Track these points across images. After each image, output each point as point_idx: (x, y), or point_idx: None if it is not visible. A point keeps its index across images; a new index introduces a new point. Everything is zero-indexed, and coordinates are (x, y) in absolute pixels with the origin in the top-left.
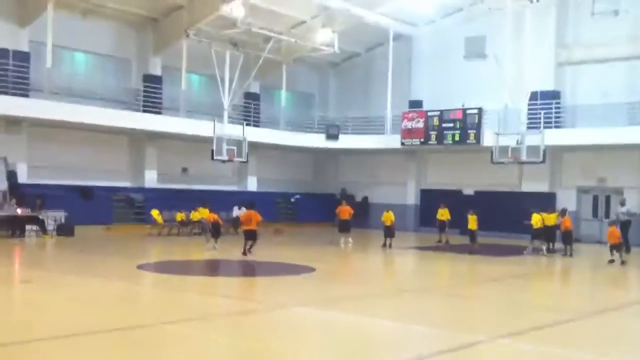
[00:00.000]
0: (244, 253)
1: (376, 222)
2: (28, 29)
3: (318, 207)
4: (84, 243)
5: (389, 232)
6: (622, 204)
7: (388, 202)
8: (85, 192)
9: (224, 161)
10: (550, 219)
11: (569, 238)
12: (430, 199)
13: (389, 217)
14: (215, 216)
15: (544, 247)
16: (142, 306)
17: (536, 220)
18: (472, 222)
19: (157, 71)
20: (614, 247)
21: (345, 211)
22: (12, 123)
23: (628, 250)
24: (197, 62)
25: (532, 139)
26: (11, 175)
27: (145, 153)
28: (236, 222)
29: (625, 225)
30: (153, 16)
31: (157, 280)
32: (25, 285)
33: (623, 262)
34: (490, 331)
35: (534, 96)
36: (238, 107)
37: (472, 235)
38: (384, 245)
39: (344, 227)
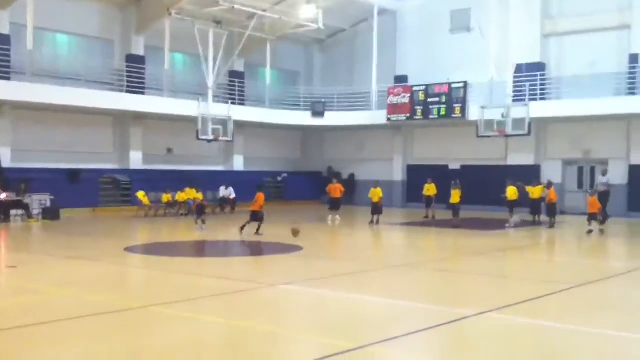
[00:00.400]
0: (256, 233)
1: (363, 199)
2: (8, 11)
3: (306, 185)
4: (70, 226)
5: (376, 208)
6: (603, 174)
7: (375, 178)
8: (73, 175)
9: (209, 141)
10: (536, 191)
11: (553, 210)
12: (417, 174)
13: (376, 194)
14: (200, 196)
15: (512, 220)
16: (131, 288)
17: (511, 192)
18: (455, 196)
19: (140, 51)
20: (591, 217)
21: (336, 189)
22: None
23: (603, 221)
24: (180, 41)
25: (518, 111)
26: None
27: (130, 134)
28: (223, 202)
29: (603, 196)
30: None
31: (145, 262)
32: (10, 270)
33: (602, 231)
34: (479, 305)
35: (519, 69)
36: (223, 86)
37: (455, 209)
38: (372, 222)
39: (335, 205)
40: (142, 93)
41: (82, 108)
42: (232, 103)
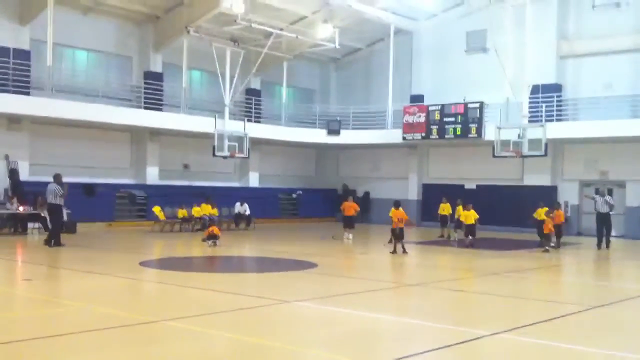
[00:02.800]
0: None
1: (377, 217)
2: (29, 27)
3: (320, 203)
4: (85, 240)
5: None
6: (602, 194)
7: (390, 197)
8: (89, 189)
9: (225, 157)
10: (540, 213)
11: (559, 231)
12: (432, 193)
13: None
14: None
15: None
16: (145, 302)
17: (542, 214)
18: (471, 216)
19: (157, 68)
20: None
21: (350, 207)
22: (14, 121)
23: (600, 246)
24: (197, 58)
25: (534, 132)
26: (13, 173)
27: (147, 149)
28: (238, 218)
29: (605, 217)
30: (154, 13)
31: (159, 277)
32: (26, 283)
33: (546, 250)
34: (492, 326)
35: (535, 90)
36: (239, 103)
37: (470, 230)
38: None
39: (348, 223)
40: (160, 109)
41: (100, 123)
42: (249, 120)
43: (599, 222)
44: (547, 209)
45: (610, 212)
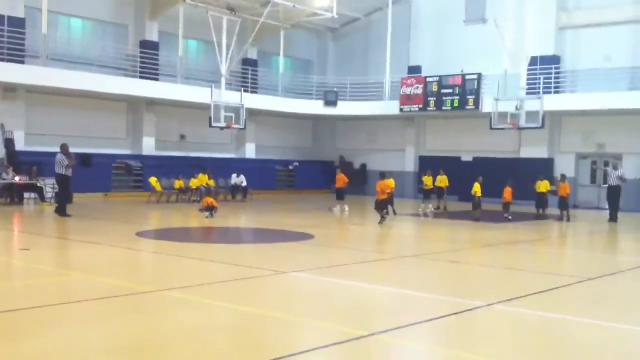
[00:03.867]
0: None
1: (374, 189)
2: None
3: (317, 174)
4: (82, 210)
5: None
6: (615, 167)
7: (386, 169)
8: (85, 159)
9: (221, 128)
10: (542, 185)
11: (565, 204)
12: (429, 165)
13: (388, 185)
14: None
15: (430, 209)
16: (142, 272)
17: (427, 181)
18: (477, 188)
19: (153, 37)
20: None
21: (339, 179)
22: (9, 90)
23: (614, 218)
24: (194, 27)
25: (531, 104)
26: (8, 143)
27: (143, 120)
28: (234, 189)
29: (615, 190)
30: None
31: (156, 247)
32: (23, 253)
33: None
34: (488, 296)
35: (533, 61)
36: (236, 73)
37: (477, 202)
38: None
39: (339, 195)
40: (156, 79)
41: (96, 93)
42: (245, 91)
43: (610, 195)
44: (547, 181)
45: (614, 185)
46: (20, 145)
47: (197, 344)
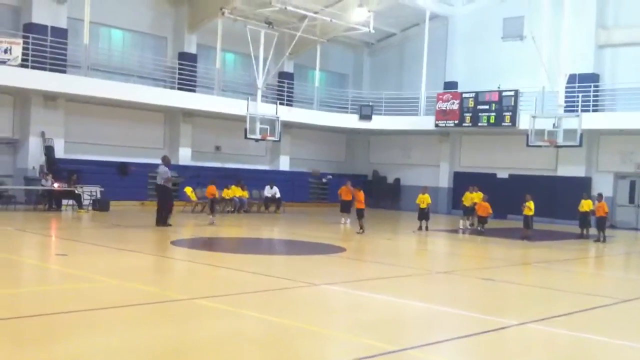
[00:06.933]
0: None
1: (408, 204)
2: (66, 6)
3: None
4: (118, 218)
5: (424, 214)
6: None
7: (421, 184)
8: (123, 168)
9: (257, 140)
10: (586, 205)
11: (602, 224)
12: (464, 181)
13: (424, 200)
14: (214, 192)
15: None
16: (175, 281)
17: (468, 199)
18: (531, 205)
19: (192, 49)
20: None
21: (347, 192)
22: (50, 99)
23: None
24: (231, 40)
25: (569, 122)
26: (48, 150)
27: (180, 130)
28: (267, 201)
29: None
30: None
31: (190, 256)
32: (60, 258)
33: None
34: (521, 315)
35: (572, 79)
36: (272, 86)
37: (527, 221)
38: (419, 228)
39: (344, 208)
40: (193, 91)
41: (134, 103)
42: (281, 104)
43: None
44: (590, 201)
45: None
46: (59, 153)
47: (227, 353)
